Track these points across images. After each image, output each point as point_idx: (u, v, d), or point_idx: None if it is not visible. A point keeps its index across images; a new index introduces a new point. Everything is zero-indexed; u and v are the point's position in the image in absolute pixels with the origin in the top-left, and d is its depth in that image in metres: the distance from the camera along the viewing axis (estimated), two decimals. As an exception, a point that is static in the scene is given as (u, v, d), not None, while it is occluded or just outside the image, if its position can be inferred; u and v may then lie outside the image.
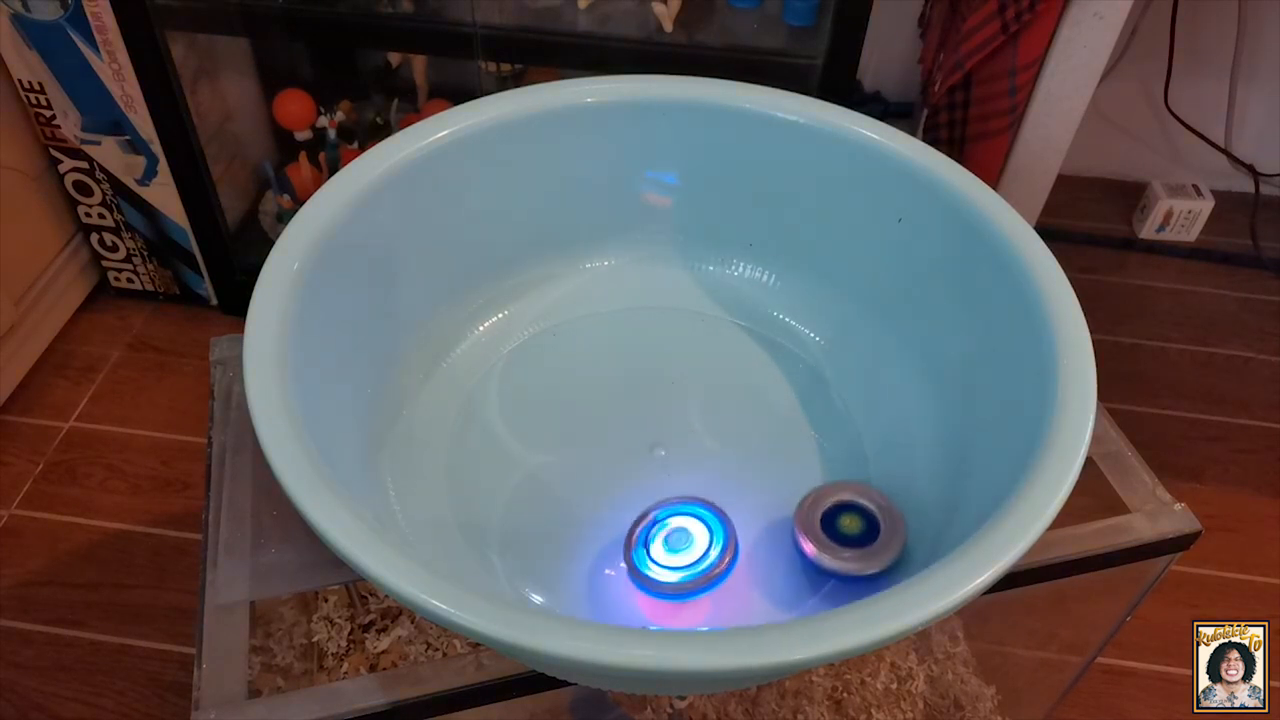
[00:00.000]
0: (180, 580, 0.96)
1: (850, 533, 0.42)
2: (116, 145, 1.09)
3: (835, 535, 0.42)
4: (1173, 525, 0.51)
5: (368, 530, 0.34)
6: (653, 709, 0.69)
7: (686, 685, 0.52)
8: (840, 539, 0.42)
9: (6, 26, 0.99)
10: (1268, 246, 1.42)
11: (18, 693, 0.87)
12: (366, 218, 0.46)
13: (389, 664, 0.72)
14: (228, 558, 0.48)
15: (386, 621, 0.74)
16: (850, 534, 0.42)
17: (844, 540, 0.42)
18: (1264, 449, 1.14)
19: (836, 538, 0.42)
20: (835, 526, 0.42)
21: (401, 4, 1.03)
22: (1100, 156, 1.49)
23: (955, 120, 1.09)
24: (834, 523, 0.42)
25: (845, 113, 0.51)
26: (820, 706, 0.73)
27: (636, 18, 1.00)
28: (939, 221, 0.48)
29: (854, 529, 0.42)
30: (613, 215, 0.56)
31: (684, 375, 0.54)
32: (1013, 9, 0.95)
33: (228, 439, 0.53)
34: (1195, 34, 1.33)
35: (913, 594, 0.32)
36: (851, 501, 0.43)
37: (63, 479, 1.05)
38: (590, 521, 0.48)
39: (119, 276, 1.24)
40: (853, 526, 0.42)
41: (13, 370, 1.12)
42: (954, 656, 0.79)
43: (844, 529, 0.42)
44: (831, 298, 0.55)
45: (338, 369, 0.44)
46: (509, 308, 0.55)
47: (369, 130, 1.23)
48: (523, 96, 0.51)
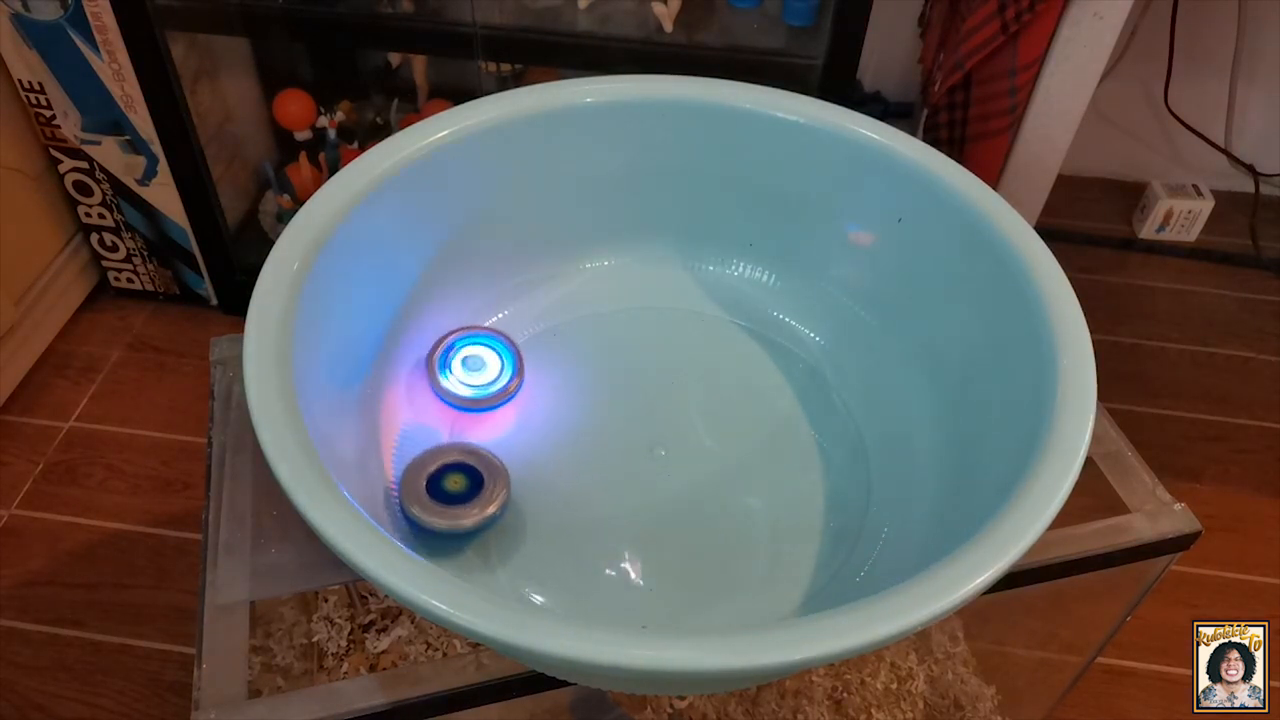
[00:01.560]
0: (180, 580, 0.96)
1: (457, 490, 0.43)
2: (116, 145, 1.09)
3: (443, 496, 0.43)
4: (1172, 525, 0.51)
5: (367, 530, 0.34)
6: (653, 709, 0.69)
7: (686, 685, 0.52)
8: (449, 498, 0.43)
9: (6, 26, 0.99)
10: (1268, 246, 1.42)
11: (17, 692, 0.87)
12: (366, 218, 0.46)
13: (389, 664, 0.72)
14: (228, 558, 0.48)
15: (386, 621, 0.74)
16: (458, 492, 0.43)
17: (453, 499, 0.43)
18: (1264, 449, 1.15)
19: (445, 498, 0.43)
20: (442, 488, 0.43)
21: (401, 4, 1.03)
22: (1100, 156, 1.49)
23: (955, 120, 1.09)
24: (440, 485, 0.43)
25: (845, 113, 0.51)
26: (820, 706, 0.73)
27: (636, 18, 1.00)
28: (939, 221, 0.48)
29: (459, 487, 0.43)
30: (613, 215, 0.56)
31: (684, 375, 0.54)
32: (1013, 9, 0.95)
33: (228, 439, 0.53)
34: (1195, 34, 1.33)
35: (913, 594, 0.33)
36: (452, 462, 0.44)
37: (63, 479, 1.05)
38: (590, 521, 0.48)
39: (119, 276, 1.24)
40: (458, 485, 0.44)
41: (13, 370, 1.12)
42: (954, 656, 0.79)
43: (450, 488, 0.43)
44: (831, 298, 0.55)
45: (338, 368, 0.44)
46: (509, 308, 0.55)
47: (369, 130, 1.23)
48: (523, 96, 0.51)
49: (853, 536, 0.47)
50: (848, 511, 0.48)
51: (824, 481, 0.50)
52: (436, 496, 0.43)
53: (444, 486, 0.43)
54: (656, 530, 0.47)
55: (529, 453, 0.50)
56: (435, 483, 0.43)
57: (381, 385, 0.48)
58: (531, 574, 0.45)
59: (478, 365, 0.48)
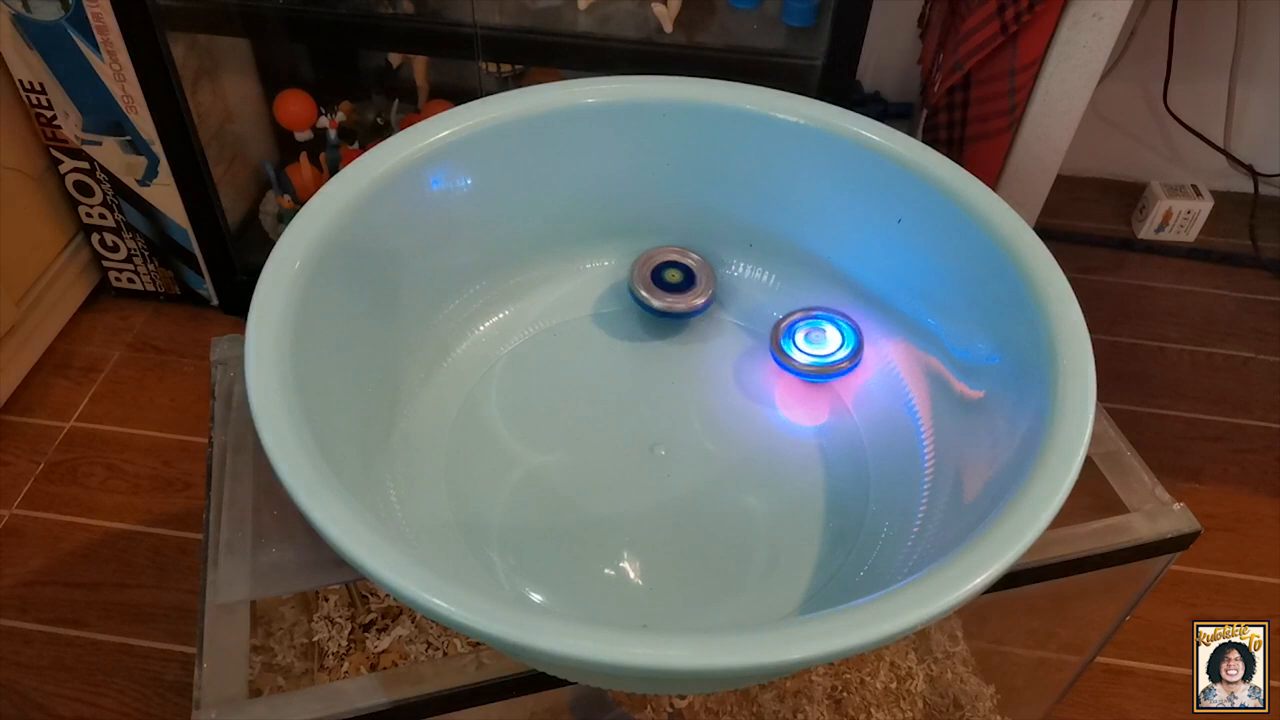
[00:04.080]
0: (181, 580, 0.97)
1: (673, 282, 0.55)
2: (117, 145, 1.09)
3: (663, 285, 0.55)
4: (1172, 525, 0.52)
5: (369, 529, 0.34)
6: (653, 709, 0.69)
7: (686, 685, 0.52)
8: (667, 287, 0.55)
9: (7, 27, 0.99)
10: (1267, 247, 1.43)
11: (18, 692, 0.87)
12: (367, 218, 0.46)
13: (389, 663, 0.72)
14: (228, 557, 0.48)
15: (387, 621, 0.74)
16: (673, 283, 0.55)
17: (670, 288, 0.55)
18: (1263, 449, 1.15)
19: (664, 286, 0.55)
20: (662, 278, 0.55)
21: (402, 4, 1.03)
22: (1099, 157, 1.49)
23: (955, 121, 1.09)
24: (660, 276, 0.56)
25: (845, 113, 0.51)
26: (820, 706, 0.73)
27: (636, 18, 1.00)
28: (938, 222, 0.48)
29: (676, 279, 0.56)
30: (613, 215, 0.56)
31: (684, 375, 0.55)
32: (1012, 10, 0.95)
33: (228, 439, 0.53)
34: (1194, 34, 1.33)
35: (913, 594, 0.33)
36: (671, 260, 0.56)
37: (63, 479, 1.05)
38: (590, 521, 0.48)
39: (120, 276, 1.24)
40: (675, 277, 0.56)
41: (13, 370, 1.12)
42: (953, 656, 0.79)
43: (669, 280, 0.55)
44: (831, 298, 0.55)
45: (338, 369, 0.44)
46: (509, 308, 0.55)
47: (370, 130, 1.23)
48: (523, 97, 0.51)
49: (852, 536, 0.47)
50: (847, 512, 0.48)
51: (824, 482, 0.50)
52: (658, 284, 0.55)
53: (664, 277, 0.55)
54: (656, 530, 0.48)
55: (529, 453, 0.51)
56: (658, 272, 0.55)
57: (383, 383, 0.48)
58: (531, 573, 0.45)
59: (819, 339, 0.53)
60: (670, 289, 0.55)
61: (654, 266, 0.56)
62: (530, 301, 0.56)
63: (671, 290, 0.55)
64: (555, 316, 0.56)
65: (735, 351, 0.56)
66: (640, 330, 0.57)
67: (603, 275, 0.57)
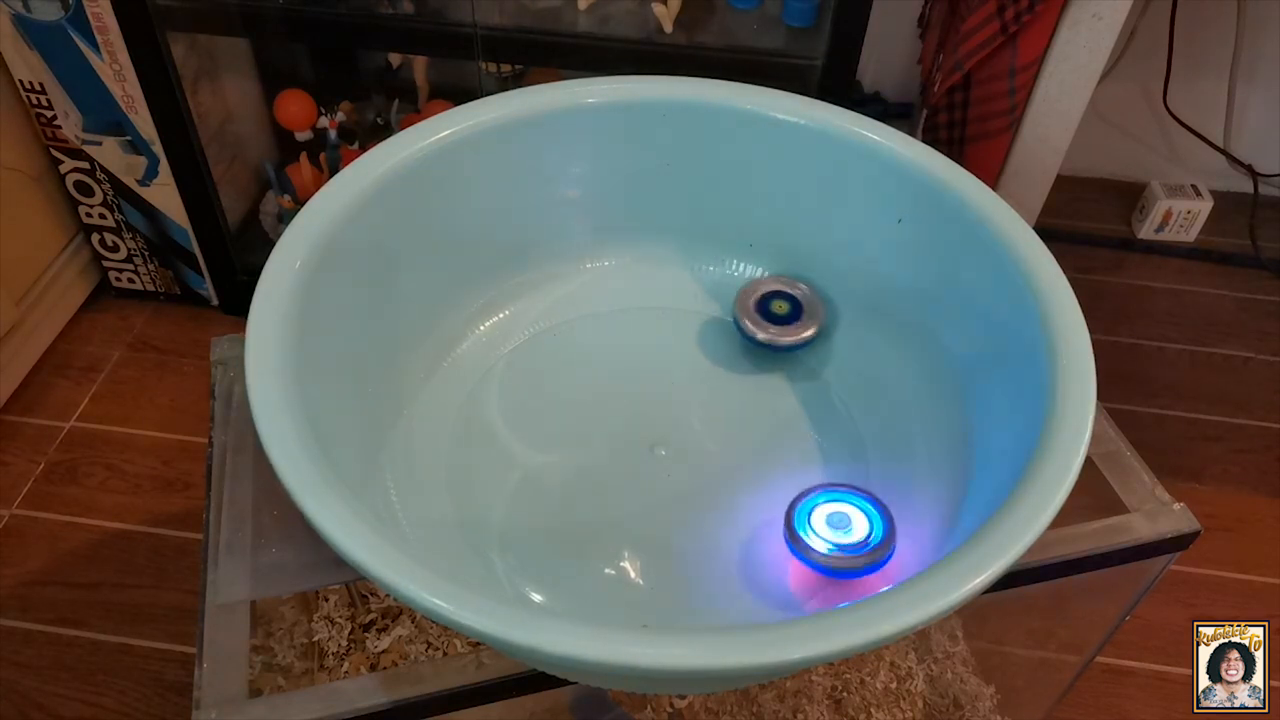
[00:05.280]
0: (181, 580, 0.97)
1: (780, 313, 0.54)
2: (117, 145, 1.09)
3: (769, 316, 0.54)
4: (1172, 525, 0.52)
5: (369, 529, 0.34)
6: (653, 709, 0.69)
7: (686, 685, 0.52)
8: (772, 319, 0.54)
9: (7, 27, 0.99)
10: (1266, 246, 1.43)
11: (18, 692, 0.87)
12: (367, 218, 0.46)
13: (389, 663, 0.72)
14: (228, 557, 0.48)
15: (387, 621, 0.74)
16: (780, 314, 0.54)
17: (775, 319, 0.54)
18: (1263, 449, 1.15)
19: (770, 317, 0.54)
20: (768, 309, 0.54)
21: (402, 4, 1.03)
22: (1099, 157, 1.49)
23: (955, 121, 1.09)
24: (767, 306, 0.54)
25: (845, 113, 0.51)
26: (820, 706, 0.73)
27: (636, 18, 1.00)
28: (939, 222, 0.48)
29: (783, 310, 0.54)
30: (613, 215, 0.56)
31: (684, 375, 0.55)
32: (1012, 10, 0.95)
33: (228, 439, 0.53)
34: (1194, 34, 1.33)
35: (913, 594, 0.33)
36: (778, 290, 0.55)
37: (63, 479, 1.05)
38: (590, 521, 0.48)
39: (120, 276, 1.24)
40: (781, 309, 0.54)
41: (13, 370, 1.12)
42: (953, 656, 0.79)
43: (775, 311, 0.54)
44: (831, 298, 0.55)
45: (338, 368, 0.44)
46: (509, 308, 0.55)
47: (370, 130, 1.23)
48: (523, 97, 0.51)
49: (852, 536, 0.47)
50: (847, 511, 0.48)
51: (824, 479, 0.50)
52: (764, 314, 0.54)
53: (770, 308, 0.54)
54: (657, 530, 0.48)
55: (529, 452, 0.51)
56: (764, 303, 0.54)
57: (384, 383, 0.48)
58: (531, 573, 0.45)
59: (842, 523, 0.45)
60: (776, 320, 0.53)
61: (759, 296, 0.54)
62: (530, 301, 0.56)
63: (777, 322, 0.53)
64: (555, 316, 0.56)
65: (735, 352, 0.56)
66: (640, 330, 0.57)
67: (603, 275, 0.57)
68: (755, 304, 0.54)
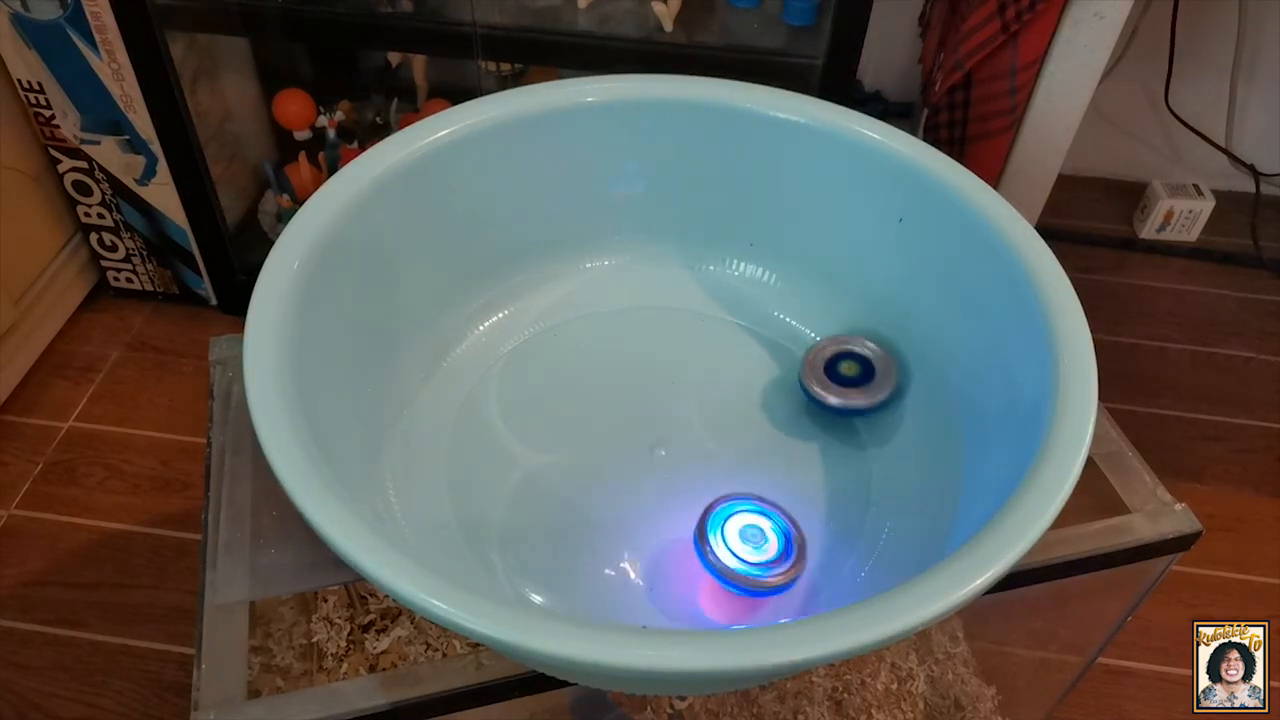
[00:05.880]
0: (180, 580, 0.96)
1: (850, 375, 0.51)
2: (116, 145, 1.08)
3: (838, 378, 0.51)
4: (1173, 525, 0.51)
5: (368, 530, 0.34)
6: (653, 709, 0.69)
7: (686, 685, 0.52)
8: (842, 381, 0.51)
9: (6, 26, 0.99)
10: (1268, 246, 1.42)
11: (16, 693, 0.87)
12: (366, 217, 0.46)
13: (389, 664, 0.72)
14: (227, 558, 0.48)
15: (386, 622, 0.74)
16: (850, 376, 0.51)
17: (845, 382, 0.50)
18: (1264, 449, 1.14)
19: (839, 380, 0.51)
20: (837, 371, 0.51)
21: (401, 4, 1.03)
22: (1101, 156, 1.49)
23: (955, 120, 1.09)
24: (835, 369, 0.51)
25: (845, 113, 0.51)
26: (820, 707, 0.73)
27: (636, 18, 1.00)
28: (939, 221, 0.48)
29: (853, 372, 0.51)
30: (613, 215, 0.56)
31: (684, 375, 0.54)
32: (1013, 9, 0.95)
33: (227, 439, 0.53)
34: (1195, 34, 1.33)
35: (913, 594, 0.32)
36: (848, 350, 0.52)
37: (62, 479, 1.05)
38: (590, 521, 0.48)
39: (118, 276, 1.24)
40: (851, 370, 0.51)
41: (12, 370, 1.12)
42: (954, 657, 0.79)
43: (844, 372, 0.51)
44: (831, 298, 0.55)
45: (338, 369, 0.44)
46: (509, 308, 0.55)
47: (369, 130, 1.23)
48: (523, 96, 0.51)
49: (853, 536, 0.47)
50: (847, 511, 0.48)
51: (824, 482, 0.49)
52: (832, 377, 0.51)
53: (839, 370, 0.51)
54: (657, 531, 0.47)
55: (529, 453, 0.50)
56: (833, 365, 0.51)
57: (382, 383, 0.48)
58: (531, 574, 0.45)
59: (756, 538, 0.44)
60: (846, 383, 0.50)
61: (828, 358, 0.51)
62: (530, 301, 0.56)
63: (848, 384, 0.50)
64: (555, 316, 0.56)
65: (735, 351, 0.55)
66: (640, 330, 0.56)
67: (602, 275, 0.57)
68: (825, 366, 0.51)
